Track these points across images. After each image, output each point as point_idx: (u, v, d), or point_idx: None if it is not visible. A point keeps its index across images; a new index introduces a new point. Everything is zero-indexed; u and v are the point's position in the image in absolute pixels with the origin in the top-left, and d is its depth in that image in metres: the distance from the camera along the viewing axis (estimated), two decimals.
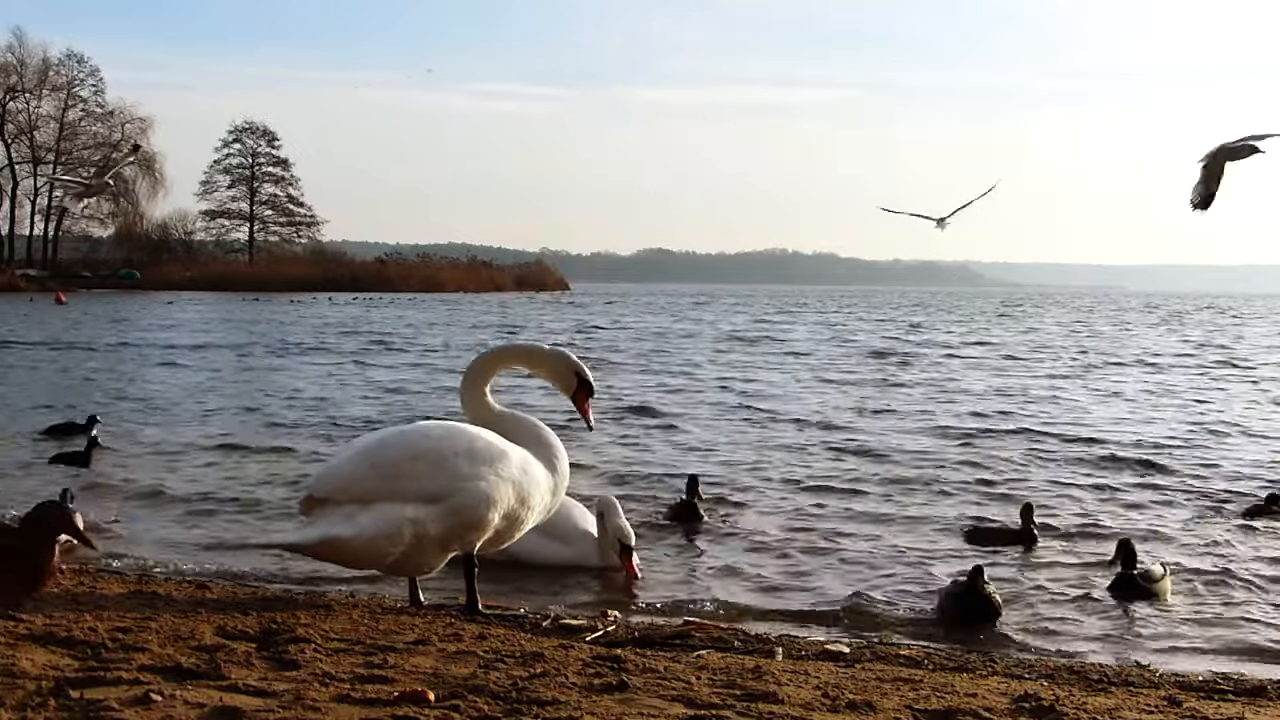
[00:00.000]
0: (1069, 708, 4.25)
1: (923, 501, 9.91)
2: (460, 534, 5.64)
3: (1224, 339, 40.98)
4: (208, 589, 6.11)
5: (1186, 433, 14.72)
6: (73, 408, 15.13)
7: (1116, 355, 30.51)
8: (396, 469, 5.54)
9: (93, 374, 21.26)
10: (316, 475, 5.94)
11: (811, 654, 5.45)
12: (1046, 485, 10.75)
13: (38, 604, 5.26)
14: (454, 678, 4.24)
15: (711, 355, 28.87)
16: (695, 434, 14.04)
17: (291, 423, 14.61)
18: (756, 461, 11.90)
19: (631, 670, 4.48)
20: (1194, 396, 19.51)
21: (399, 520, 5.47)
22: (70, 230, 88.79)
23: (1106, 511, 9.59)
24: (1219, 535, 8.71)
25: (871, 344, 34.48)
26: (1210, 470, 11.73)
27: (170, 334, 34.34)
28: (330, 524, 5.48)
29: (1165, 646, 6.12)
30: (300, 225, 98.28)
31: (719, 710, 3.99)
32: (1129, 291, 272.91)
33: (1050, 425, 15.09)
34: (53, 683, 3.89)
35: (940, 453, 12.63)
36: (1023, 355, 29.93)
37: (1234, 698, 4.84)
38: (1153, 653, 6.01)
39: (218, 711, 3.71)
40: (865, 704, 4.16)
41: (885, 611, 6.63)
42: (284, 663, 4.38)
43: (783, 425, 14.97)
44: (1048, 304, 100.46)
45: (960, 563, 7.78)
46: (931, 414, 16.33)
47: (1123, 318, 63.68)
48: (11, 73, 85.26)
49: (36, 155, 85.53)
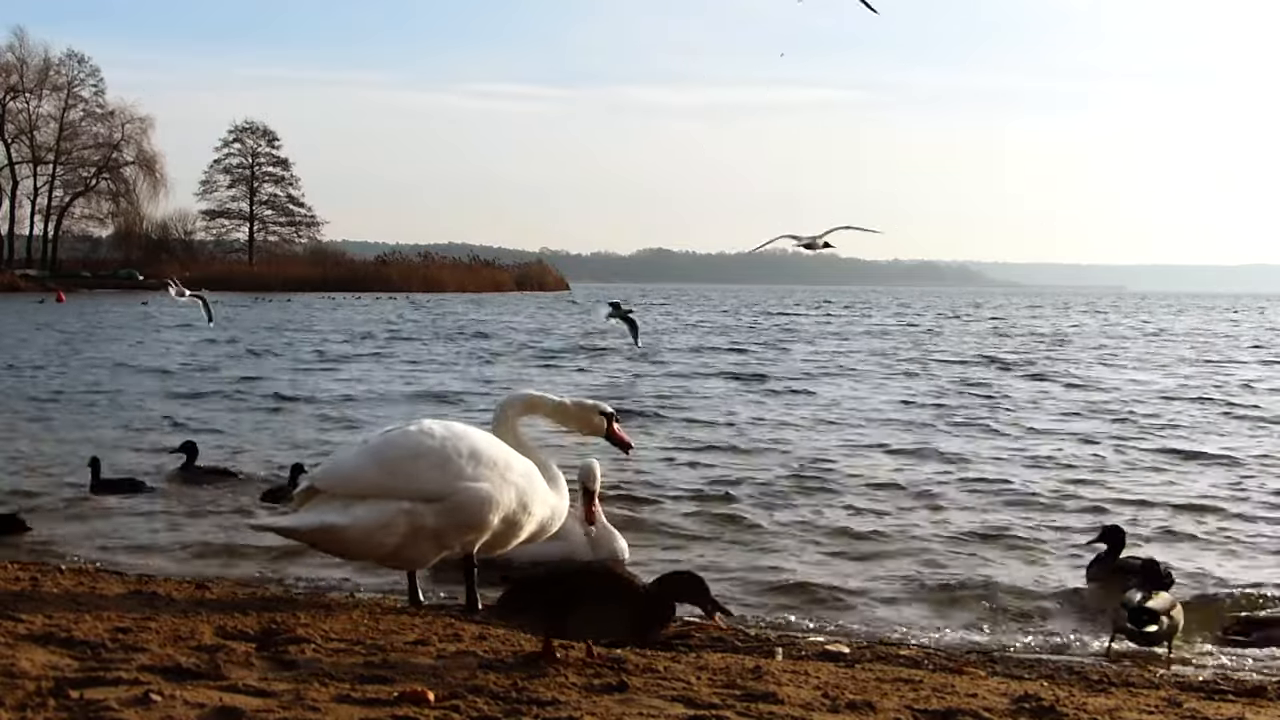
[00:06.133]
0: (1069, 708, 4.25)
1: (923, 502, 9.91)
2: (459, 533, 5.66)
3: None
4: (208, 589, 6.10)
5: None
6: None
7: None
8: (399, 466, 5.59)
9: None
10: (320, 469, 5.98)
11: (811, 654, 5.45)
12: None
13: (37, 604, 5.27)
14: (454, 678, 4.24)
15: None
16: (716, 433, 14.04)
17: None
18: (757, 460, 11.91)
19: (631, 670, 4.47)
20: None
21: (395, 512, 5.53)
22: (70, 230, 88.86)
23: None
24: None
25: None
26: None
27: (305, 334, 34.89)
28: (326, 512, 5.56)
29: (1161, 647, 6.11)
30: (300, 225, 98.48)
31: (719, 710, 3.99)
32: (1130, 291, 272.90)
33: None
34: (53, 683, 3.89)
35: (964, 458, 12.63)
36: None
37: (1234, 698, 4.84)
38: (1152, 652, 6.02)
39: (218, 711, 3.71)
40: (865, 704, 4.15)
41: (886, 611, 6.63)
42: (284, 663, 4.38)
43: (800, 427, 14.96)
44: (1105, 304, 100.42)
45: (965, 562, 7.78)
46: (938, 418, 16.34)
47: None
48: (12, 72, 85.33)
49: (36, 155, 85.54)
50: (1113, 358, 29.49)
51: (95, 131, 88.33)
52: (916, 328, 46.45)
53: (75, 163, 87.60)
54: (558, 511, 6.07)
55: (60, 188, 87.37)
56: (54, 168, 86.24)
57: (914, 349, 32.19)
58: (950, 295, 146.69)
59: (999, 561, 7.88)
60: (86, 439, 12.66)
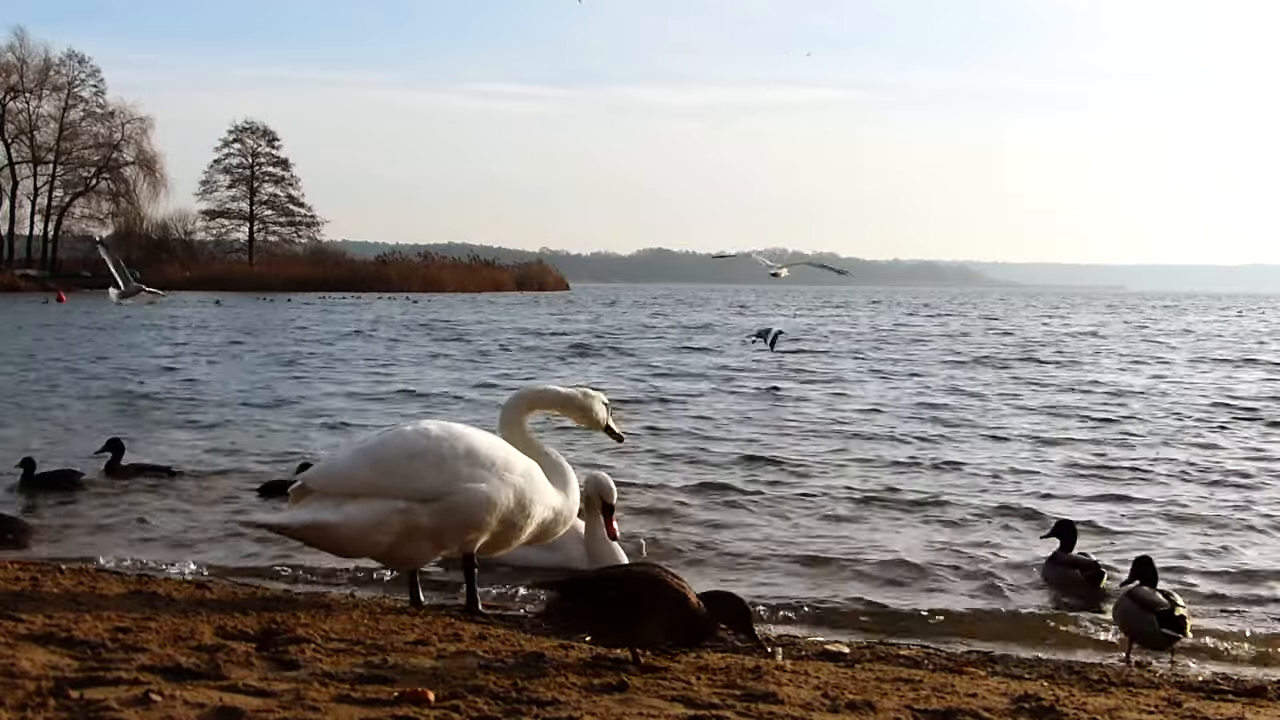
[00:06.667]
0: (1069, 708, 4.25)
1: (924, 502, 9.91)
2: (456, 533, 5.65)
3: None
4: (208, 589, 6.10)
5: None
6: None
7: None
8: (394, 466, 5.58)
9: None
10: (314, 468, 5.97)
11: (811, 654, 5.45)
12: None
13: (37, 604, 5.27)
14: (454, 678, 4.24)
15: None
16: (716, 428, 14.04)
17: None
18: (760, 462, 11.91)
19: (631, 670, 4.48)
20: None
21: (389, 511, 5.52)
22: (70, 230, 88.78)
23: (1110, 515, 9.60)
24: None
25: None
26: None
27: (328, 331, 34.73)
28: (319, 509, 5.56)
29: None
30: (300, 225, 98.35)
31: (719, 710, 3.99)
32: (1130, 291, 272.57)
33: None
34: (53, 683, 3.89)
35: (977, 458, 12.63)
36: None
37: (1234, 698, 4.84)
38: (1152, 653, 6.02)
39: (218, 711, 3.71)
40: (865, 704, 4.16)
41: (886, 611, 6.64)
42: (284, 663, 4.38)
43: (805, 430, 14.96)
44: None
45: (970, 561, 7.78)
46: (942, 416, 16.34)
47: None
48: (12, 72, 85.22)
49: (37, 155, 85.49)
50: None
51: (95, 131, 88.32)
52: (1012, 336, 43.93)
53: (75, 163, 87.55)
54: (563, 513, 6.02)
55: (60, 188, 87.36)
56: (54, 168, 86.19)
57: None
58: (975, 295, 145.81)
59: (1001, 561, 7.88)
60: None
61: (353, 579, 6.98)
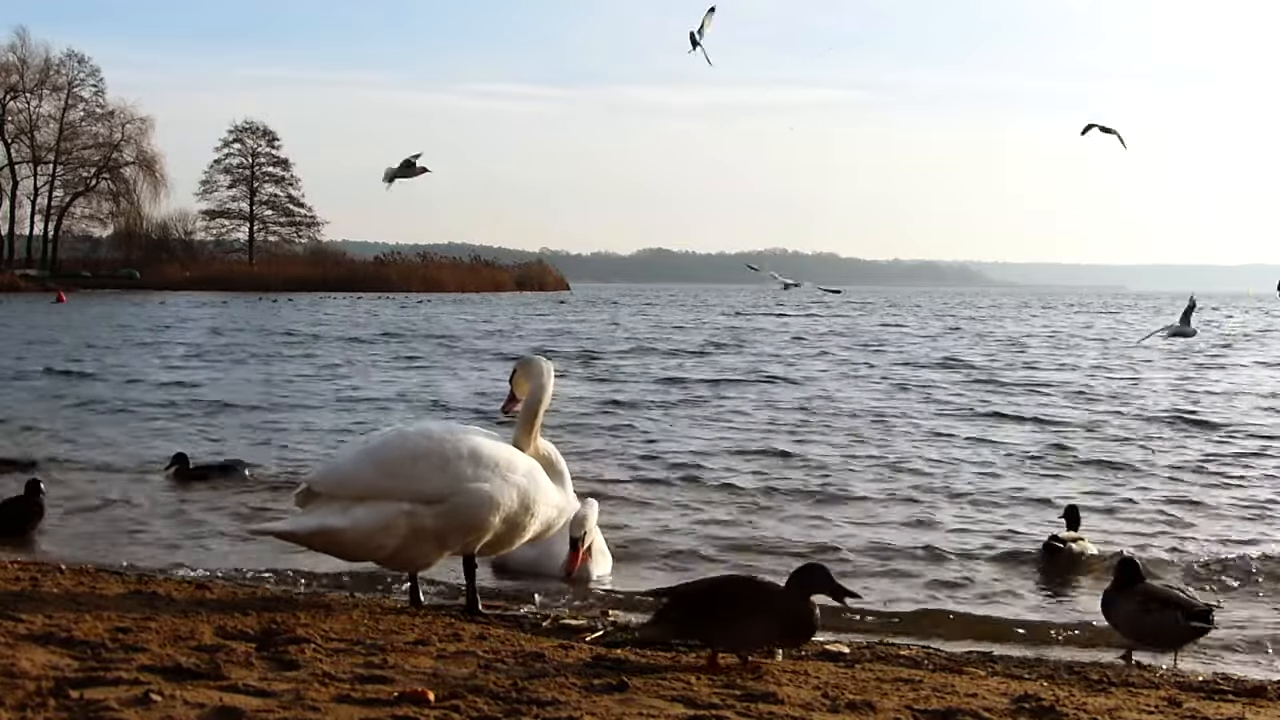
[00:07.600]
0: (1069, 708, 4.25)
1: (924, 502, 9.91)
2: (460, 534, 5.64)
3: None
4: (208, 589, 6.10)
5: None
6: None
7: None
8: (398, 468, 5.56)
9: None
10: (318, 471, 5.96)
11: (811, 654, 5.45)
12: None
13: (37, 604, 5.27)
14: (454, 678, 4.24)
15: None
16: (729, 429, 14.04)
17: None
18: (762, 460, 11.92)
19: (631, 670, 4.48)
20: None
21: (395, 514, 5.51)
22: (70, 230, 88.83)
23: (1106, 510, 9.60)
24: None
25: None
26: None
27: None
28: (325, 515, 5.54)
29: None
30: (300, 225, 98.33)
31: (719, 710, 4.00)
32: (1130, 291, 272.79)
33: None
34: (53, 683, 3.89)
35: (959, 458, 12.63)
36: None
37: (1234, 698, 4.84)
38: (1153, 654, 6.02)
39: (218, 711, 3.71)
40: (865, 704, 4.16)
41: (886, 612, 6.64)
42: (284, 663, 4.38)
43: (812, 427, 14.97)
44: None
45: (970, 561, 7.78)
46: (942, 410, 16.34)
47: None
48: (13, 72, 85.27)
49: (37, 155, 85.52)
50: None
51: (95, 131, 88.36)
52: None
53: (75, 163, 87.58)
54: (565, 510, 6.03)
55: (60, 188, 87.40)
56: (54, 168, 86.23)
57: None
58: (975, 295, 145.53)
59: (1003, 561, 7.88)
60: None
61: (353, 579, 6.98)
